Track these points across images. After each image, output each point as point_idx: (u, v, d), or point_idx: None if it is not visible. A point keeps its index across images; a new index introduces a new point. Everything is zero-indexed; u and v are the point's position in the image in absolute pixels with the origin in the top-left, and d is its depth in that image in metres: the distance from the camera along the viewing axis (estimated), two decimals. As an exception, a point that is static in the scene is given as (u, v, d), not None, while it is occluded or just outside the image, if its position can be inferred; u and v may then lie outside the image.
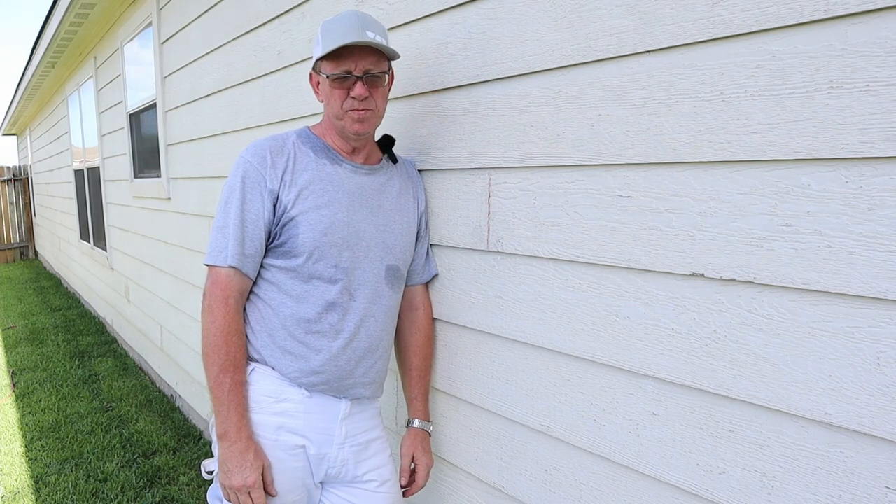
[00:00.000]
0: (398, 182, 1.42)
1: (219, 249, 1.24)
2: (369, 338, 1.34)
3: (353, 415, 1.36)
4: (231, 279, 1.24)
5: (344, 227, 1.28)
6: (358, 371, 1.33)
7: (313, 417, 1.30)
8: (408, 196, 1.44)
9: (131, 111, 4.13)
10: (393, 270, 1.37)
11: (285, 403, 1.28)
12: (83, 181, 6.20)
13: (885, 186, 0.79)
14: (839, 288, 0.84)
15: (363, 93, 1.24)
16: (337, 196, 1.29)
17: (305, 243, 1.25)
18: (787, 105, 0.86)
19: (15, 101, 9.13)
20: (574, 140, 1.16)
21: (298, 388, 1.29)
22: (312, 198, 1.26)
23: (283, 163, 1.27)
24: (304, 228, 1.25)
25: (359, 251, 1.31)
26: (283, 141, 1.30)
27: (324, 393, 1.31)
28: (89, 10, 4.40)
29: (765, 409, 0.93)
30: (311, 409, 1.30)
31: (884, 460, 0.82)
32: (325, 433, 1.32)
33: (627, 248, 1.09)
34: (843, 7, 0.80)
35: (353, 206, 1.31)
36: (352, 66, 1.23)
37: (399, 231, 1.39)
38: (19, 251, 11.84)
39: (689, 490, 1.04)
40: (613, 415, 1.15)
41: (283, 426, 1.27)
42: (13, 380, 4.41)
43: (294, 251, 1.26)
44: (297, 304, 1.27)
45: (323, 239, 1.25)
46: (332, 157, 1.33)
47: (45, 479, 2.91)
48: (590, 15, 1.10)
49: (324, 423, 1.31)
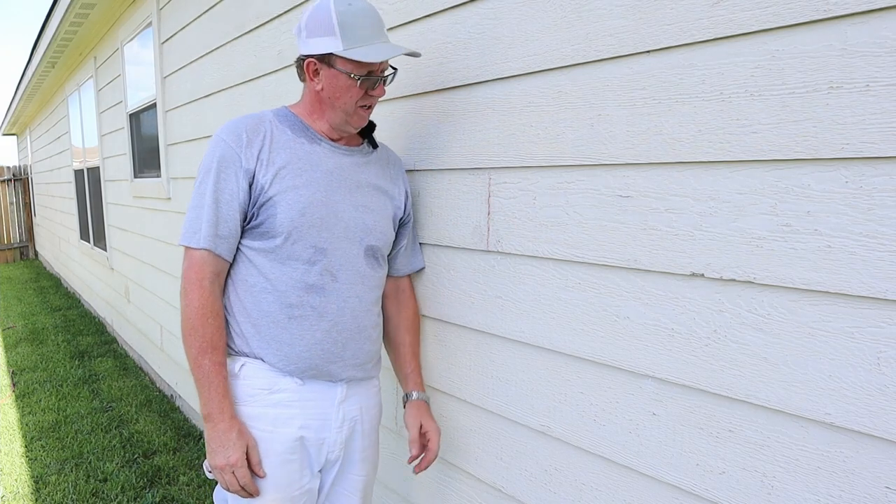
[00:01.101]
0: (377, 166, 1.40)
1: (193, 231, 1.23)
2: (355, 318, 1.32)
3: (352, 395, 1.36)
4: (205, 260, 1.22)
5: (322, 207, 1.26)
6: (347, 353, 1.32)
7: (309, 405, 1.30)
8: (386, 180, 1.41)
9: (131, 111, 4.13)
10: (372, 251, 1.36)
11: (279, 394, 1.28)
12: (83, 181, 6.20)
13: (885, 186, 0.79)
14: (839, 288, 0.84)
15: (382, 93, 1.27)
16: (315, 175, 1.27)
17: (283, 223, 1.23)
18: (787, 105, 0.86)
19: (15, 101, 9.13)
20: (574, 140, 1.16)
21: (290, 378, 1.28)
22: (290, 177, 1.24)
23: (260, 141, 1.24)
24: (282, 209, 1.23)
25: (337, 232, 1.28)
26: (259, 119, 1.28)
27: (316, 379, 1.30)
28: (89, 10, 4.40)
29: (765, 409, 0.93)
30: (306, 396, 1.29)
31: (884, 460, 0.82)
32: (323, 418, 1.32)
33: (627, 248, 1.09)
34: (843, 7, 0.80)
35: (332, 186, 1.29)
36: (375, 67, 1.23)
37: (378, 212, 1.37)
38: (19, 251, 11.84)
39: (689, 490, 1.04)
40: (613, 415, 1.15)
41: (278, 417, 1.27)
42: (13, 380, 4.41)
43: (272, 232, 1.24)
44: (277, 287, 1.25)
45: (301, 219, 1.24)
46: (310, 136, 1.30)
47: (45, 479, 2.91)
48: (590, 15, 1.10)
49: (321, 409, 1.31)
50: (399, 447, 1.74)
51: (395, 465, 1.76)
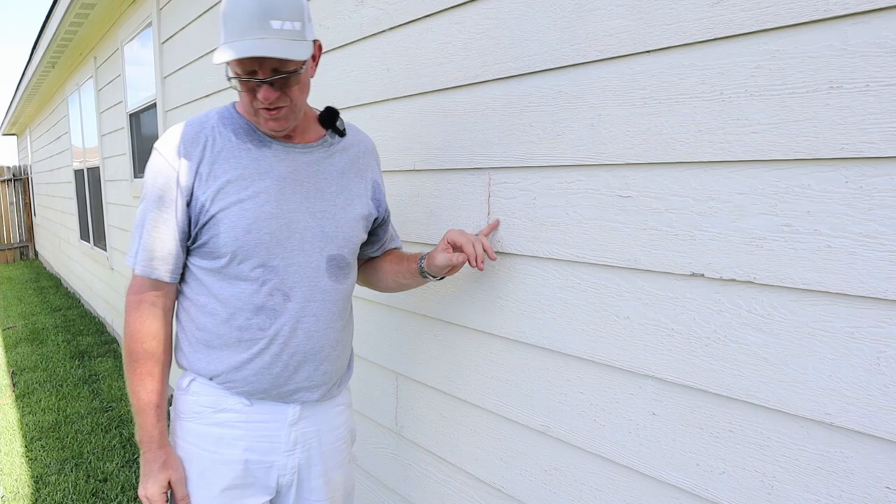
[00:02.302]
0: (341, 159, 1.27)
1: (131, 253, 1.18)
2: (309, 340, 1.22)
3: (307, 417, 1.27)
4: (143, 283, 1.17)
5: (272, 221, 1.15)
6: (299, 377, 1.23)
7: (255, 426, 1.23)
8: (352, 174, 1.28)
9: (131, 111, 4.13)
10: (336, 261, 1.24)
11: (224, 414, 1.21)
12: (83, 181, 6.20)
13: (885, 186, 0.79)
14: (839, 288, 0.84)
15: (270, 96, 1.08)
16: (264, 185, 1.15)
17: (227, 243, 1.13)
18: (787, 105, 0.86)
19: (15, 101, 9.13)
20: (574, 140, 1.16)
21: (238, 397, 1.22)
22: (234, 191, 1.13)
23: (199, 153, 1.14)
24: (225, 227, 1.13)
25: (291, 245, 1.17)
26: (200, 126, 1.17)
27: (265, 400, 1.23)
28: (89, 11, 4.40)
29: (765, 409, 0.93)
30: (253, 417, 1.22)
31: (884, 460, 0.82)
32: (271, 440, 1.24)
33: (627, 248, 1.09)
34: (843, 7, 0.80)
35: (285, 194, 1.17)
36: (256, 65, 1.06)
37: (341, 216, 1.24)
38: (19, 251, 11.85)
39: (689, 490, 1.04)
40: (613, 415, 1.15)
41: (223, 438, 1.21)
42: (13, 380, 4.41)
43: (216, 252, 1.15)
44: (226, 308, 1.18)
45: (246, 237, 1.13)
46: (257, 138, 1.18)
47: (45, 479, 2.91)
48: (590, 15, 1.10)
49: (269, 431, 1.24)
50: (399, 447, 1.74)
51: (396, 465, 1.76)
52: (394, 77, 1.60)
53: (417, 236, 1.58)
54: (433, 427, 1.60)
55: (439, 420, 1.58)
